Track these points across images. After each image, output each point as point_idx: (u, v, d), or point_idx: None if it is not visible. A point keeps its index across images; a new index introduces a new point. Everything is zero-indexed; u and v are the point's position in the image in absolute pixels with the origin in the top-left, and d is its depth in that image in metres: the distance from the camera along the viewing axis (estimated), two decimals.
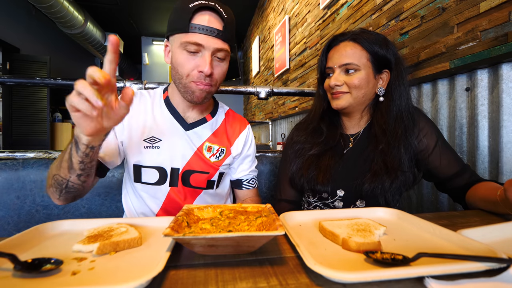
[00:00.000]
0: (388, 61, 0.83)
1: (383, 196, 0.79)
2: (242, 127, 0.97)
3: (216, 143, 0.90)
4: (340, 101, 0.85)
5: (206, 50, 0.75)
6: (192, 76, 0.77)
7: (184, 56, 0.75)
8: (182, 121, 0.87)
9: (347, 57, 0.82)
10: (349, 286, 0.35)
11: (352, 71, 0.82)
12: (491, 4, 1.02)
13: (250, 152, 0.99)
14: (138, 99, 0.88)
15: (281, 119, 3.88)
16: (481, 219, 0.64)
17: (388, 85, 0.85)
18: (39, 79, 1.29)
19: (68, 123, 4.97)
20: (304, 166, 0.88)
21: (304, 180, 0.87)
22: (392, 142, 0.80)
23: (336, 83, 0.83)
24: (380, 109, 0.85)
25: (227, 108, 1.01)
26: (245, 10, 5.73)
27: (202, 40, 0.73)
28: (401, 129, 0.81)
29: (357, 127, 0.92)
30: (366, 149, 0.85)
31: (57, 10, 4.25)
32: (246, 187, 0.98)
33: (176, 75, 0.79)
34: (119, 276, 0.38)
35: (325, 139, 0.89)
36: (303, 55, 3.14)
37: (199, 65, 0.75)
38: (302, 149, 0.92)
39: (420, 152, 0.84)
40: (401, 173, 0.78)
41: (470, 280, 0.34)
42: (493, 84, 1.06)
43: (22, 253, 0.45)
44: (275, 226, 0.43)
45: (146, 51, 7.29)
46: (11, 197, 1.01)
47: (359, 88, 0.82)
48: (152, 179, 0.84)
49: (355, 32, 0.84)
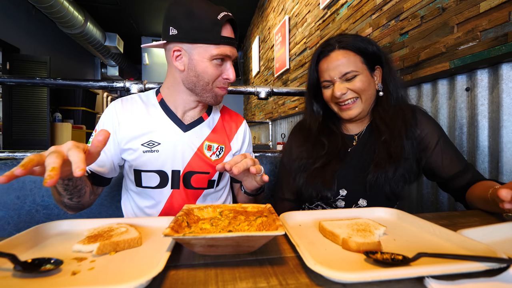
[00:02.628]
0: (377, 57, 0.86)
1: (387, 184, 0.79)
2: (239, 123, 0.98)
3: (215, 141, 0.90)
4: (353, 111, 0.85)
5: (230, 60, 0.81)
6: (217, 82, 0.82)
7: (212, 65, 0.79)
8: (180, 122, 0.86)
9: (344, 66, 0.82)
10: (349, 286, 0.35)
11: (353, 78, 0.83)
12: (491, 4, 1.02)
13: (249, 147, 1.00)
14: (129, 104, 0.86)
15: (281, 119, 3.88)
16: (481, 219, 0.64)
17: (383, 79, 0.87)
18: (39, 79, 1.29)
19: (68, 123, 4.96)
20: (310, 178, 0.87)
21: (312, 190, 0.86)
22: (394, 132, 0.82)
23: (342, 92, 0.83)
24: (381, 104, 0.87)
25: (222, 104, 1.01)
26: (245, 10, 5.73)
27: (230, 52, 0.79)
28: (401, 118, 0.83)
29: (360, 125, 0.92)
30: (369, 144, 0.86)
31: (57, 10, 4.24)
32: None
33: (200, 82, 0.80)
34: (119, 276, 0.38)
35: (328, 149, 0.88)
36: (303, 55, 3.14)
37: (224, 73, 0.81)
38: (306, 164, 0.90)
39: (422, 151, 0.85)
40: (404, 160, 0.79)
41: (470, 280, 0.34)
42: (493, 84, 1.06)
43: (23, 253, 0.45)
44: (275, 226, 0.44)
45: (146, 51, 7.28)
46: (11, 197, 1.01)
47: (364, 90, 0.83)
48: (153, 183, 0.84)
49: (339, 40, 0.85)
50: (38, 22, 4.99)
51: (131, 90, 1.32)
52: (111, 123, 0.83)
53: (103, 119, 0.85)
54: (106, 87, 1.33)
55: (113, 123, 0.83)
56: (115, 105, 0.86)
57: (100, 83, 1.34)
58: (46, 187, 1.02)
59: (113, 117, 0.84)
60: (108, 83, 1.33)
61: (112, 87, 1.33)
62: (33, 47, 4.88)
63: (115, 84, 1.33)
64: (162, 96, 0.88)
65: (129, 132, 0.83)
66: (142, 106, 0.87)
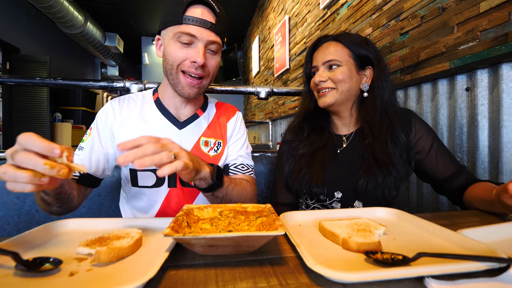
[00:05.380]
0: (369, 58, 0.87)
1: (379, 191, 0.80)
2: (231, 114, 0.97)
3: (212, 137, 0.89)
4: (327, 98, 0.87)
5: (200, 42, 0.76)
6: (183, 65, 0.77)
7: (176, 47, 0.76)
8: (175, 120, 0.86)
9: (329, 55, 0.86)
10: (349, 286, 0.35)
11: (335, 67, 0.86)
12: (491, 4, 1.02)
13: (239, 136, 0.95)
14: (126, 104, 0.87)
15: (281, 119, 3.88)
16: (481, 219, 0.64)
17: (372, 81, 0.88)
18: (39, 79, 1.29)
19: (68, 123, 4.96)
20: (296, 168, 0.89)
21: (298, 183, 0.87)
22: (378, 136, 0.82)
23: (321, 79, 0.87)
24: (365, 105, 0.88)
25: (216, 100, 1.01)
26: (245, 10, 5.72)
27: (195, 32, 0.75)
28: (386, 122, 0.84)
29: (349, 127, 0.94)
30: (358, 147, 0.87)
31: (57, 10, 4.24)
32: (233, 171, 0.90)
33: (167, 66, 0.79)
34: (117, 277, 0.38)
35: (308, 136, 0.92)
36: (303, 55, 3.14)
37: (192, 55, 0.76)
38: (291, 149, 0.94)
39: (417, 153, 0.86)
40: (393, 167, 0.80)
41: (470, 280, 0.34)
42: (493, 84, 1.06)
43: (29, 251, 0.45)
44: (275, 226, 0.43)
45: (146, 51, 7.28)
46: (11, 197, 1.01)
47: (343, 82, 0.85)
48: (150, 182, 0.83)
49: (338, 33, 0.90)
50: (38, 22, 4.99)
51: (131, 90, 1.32)
52: (108, 120, 0.83)
53: (100, 116, 0.84)
54: (106, 87, 1.33)
55: (110, 121, 0.83)
56: (112, 104, 0.86)
57: (100, 83, 1.34)
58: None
59: (109, 114, 0.84)
60: (108, 83, 1.33)
61: (112, 87, 1.33)
62: (33, 47, 4.88)
63: (115, 84, 1.33)
64: (158, 95, 0.89)
65: (126, 131, 0.83)
66: (139, 105, 0.87)
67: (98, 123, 0.84)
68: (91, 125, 0.85)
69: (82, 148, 0.81)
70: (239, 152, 0.93)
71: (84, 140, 0.82)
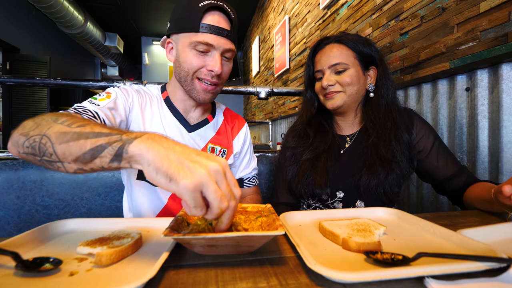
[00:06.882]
0: (373, 57, 0.87)
1: (381, 188, 0.80)
2: (240, 125, 0.98)
3: (218, 144, 0.90)
4: (335, 100, 0.86)
5: (216, 50, 0.76)
6: (199, 73, 0.77)
7: (192, 54, 0.76)
8: (185, 122, 0.86)
9: (335, 58, 0.85)
10: (349, 286, 0.35)
11: (342, 70, 0.85)
12: (491, 4, 1.02)
13: (249, 149, 1.00)
14: (142, 96, 0.85)
15: (281, 119, 3.88)
16: (481, 219, 0.64)
17: (377, 80, 0.88)
18: (39, 79, 1.29)
19: None
20: (300, 173, 0.89)
21: (301, 186, 0.87)
22: (382, 135, 0.82)
23: (329, 83, 0.85)
24: (370, 105, 0.88)
25: (224, 107, 1.01)
26: (245, 10, 5.73)
27: (213, 41, 0.74)
28: (390, 122, 0.84)
29: (353, 127, 0.93)
30: (361, 146, 0.87)
31: (57, 10, 4.24)
32: (247, 185, 0.98)
33: (182, 72, 0.79)
34: (117, 277, 0.38)
35: (313, 142, 0.91)
36: (303, 55, 3.14)
37: (208, 64, 0.76)
38: (294, 155, 0.93)
39: (418, 153, 0.86)
40: (396, 164, 0.80)
41: (470, 280, 0.34)
42: (493, 84, 1.06)
43: (29, 251, 0.45)
44: (275, 226, 0.43)
45: (146, 51, 7.28)
46: (11, 197, 1.01)
47: (351, 85, 0.85)
48: None
49: (338, 35, 0.89)
50: (38, 22, 5.00)
51: None
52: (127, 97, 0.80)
53: (120, 89, 0.80)
54: (106, 87, 1.33)
55: (128, 99, 0.80)
56: (132, 90, 0.83)
57: (100, 83, 1.34)
58: (46, 187, 1.02)
59: (129, 95, 0.81)
60: (108, 83, 1.33)
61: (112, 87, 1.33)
62: (33, 47, 4.88)
63: (115, 84, 1.33)
64: (167, 93, 0.88)
65: (138, 121, 0.81)
66: (148, 100, 0.85)
67: (118, 95, 0.78)
68: (108, 90, 0.79)
69: (98, 105, 0.71)
70: (252, 163, 0.99)
71: (95, 97, 0.74)
